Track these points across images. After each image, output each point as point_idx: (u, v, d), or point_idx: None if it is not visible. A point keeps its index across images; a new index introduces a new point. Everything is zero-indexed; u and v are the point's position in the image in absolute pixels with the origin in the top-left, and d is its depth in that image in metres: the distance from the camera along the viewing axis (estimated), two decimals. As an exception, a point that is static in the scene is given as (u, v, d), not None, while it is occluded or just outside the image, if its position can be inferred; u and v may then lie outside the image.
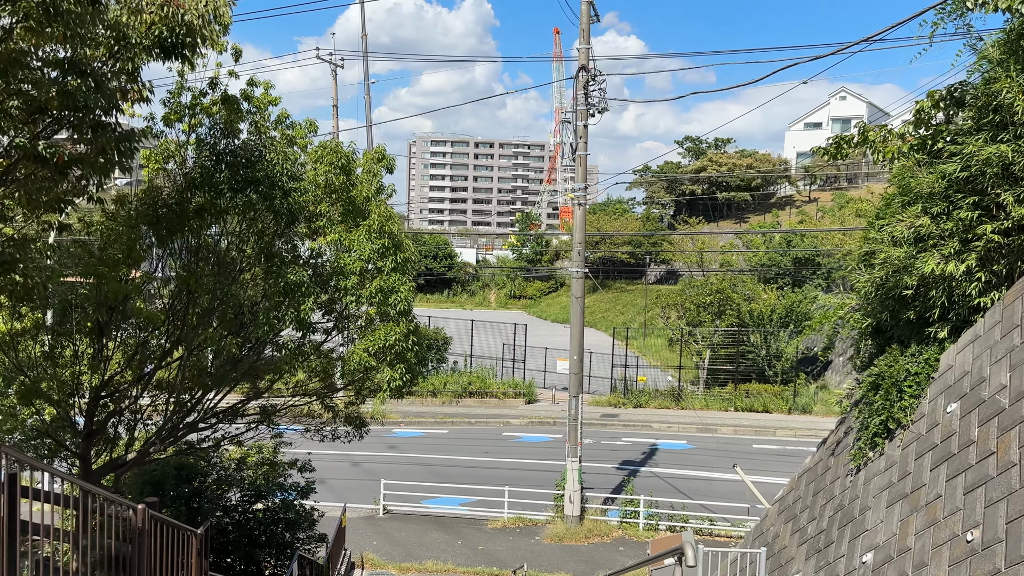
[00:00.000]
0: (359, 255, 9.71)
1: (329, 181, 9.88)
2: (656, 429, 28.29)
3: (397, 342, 9.53)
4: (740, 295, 31.23)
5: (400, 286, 9.61)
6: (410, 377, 9.92)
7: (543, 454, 25.03)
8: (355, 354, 9.57)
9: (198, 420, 9.68)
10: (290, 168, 8.79)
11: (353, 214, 9.91)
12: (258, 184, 8.39)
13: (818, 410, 29.91)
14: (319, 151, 9.86)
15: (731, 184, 65.31)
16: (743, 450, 25.61)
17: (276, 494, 12.23)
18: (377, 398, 9.99)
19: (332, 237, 9.79)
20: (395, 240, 9.85)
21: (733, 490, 21.16)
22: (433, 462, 24.02)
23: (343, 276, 9.49)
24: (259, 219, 8.47)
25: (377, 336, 9.58)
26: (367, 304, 9.62)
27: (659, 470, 23.07)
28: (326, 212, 9.90)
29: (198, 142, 8.44)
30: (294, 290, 8.56)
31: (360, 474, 22.78)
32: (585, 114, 17.25)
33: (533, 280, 73.64)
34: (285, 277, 8.53)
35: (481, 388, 32.12)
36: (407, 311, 9.73)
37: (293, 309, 8.69)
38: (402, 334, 9.61)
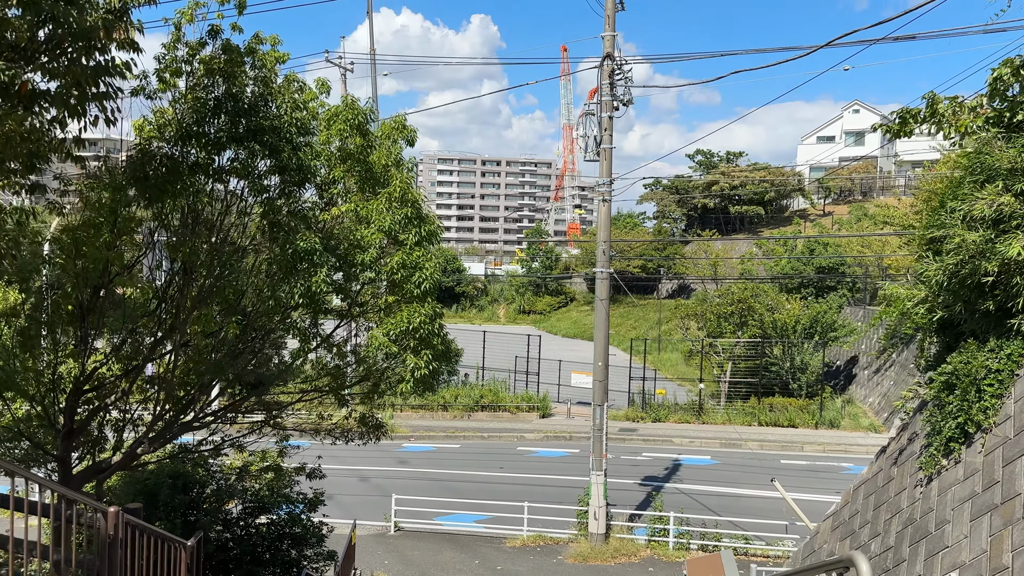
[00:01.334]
0: (379, 226, 8.61)
1: (344, 145, 8.84)
2: (677, 444, 27.08)
3: (422, 324, 8.41)
4: (763, 305, 30.11)
5: (425, 262, 8.53)
6: (436, 367, 8.81)
7: (561, 469, 23.85)
8: (375, 339, 8.51)
9: (193, 420, 8.59)
10: (300, 118, 7.76)
11: (371, 182, 8.85)
12: (262, 134, 7.34)
13: (846, 425, 28.65)
14: (333, 111, 8.83)
15: (744, 198, 64.34)
16: (770, 466, 24.38)
17: (282, 507, 11.14)
18: (399, 389, 8.83)
19: (348, 207, 8.74)
20: (418, 210, 8.80)
21: (764, 507, 19.95)
22: (445, 477, 22.87)
23: (360, 250, 8.43)
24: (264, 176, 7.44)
25: (399, 318, 8.45)
26: (387, 281, 8.52)
27: (684, 486, 21.86)
28: (340, 179, 8.89)
29: (193, 89, 7.36)
30: (304, 258, 7.53)
31: (370, 489, 21.64)
32: (610, 105, 16.29)
33: (543, 295, 72.55)
34: (294, 244, 7.49)
35: (494, 402, 30.97)
36: (432, 290, 8.69)
37: (303, 282, 7.65)
38: (427, 315, 8.50)
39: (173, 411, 8.25)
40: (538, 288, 73.16)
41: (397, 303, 8.58)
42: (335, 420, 10.16)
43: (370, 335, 8.73)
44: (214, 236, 7.76)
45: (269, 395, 9.29)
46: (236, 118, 7.25)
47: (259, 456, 11.16)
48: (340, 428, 9.99)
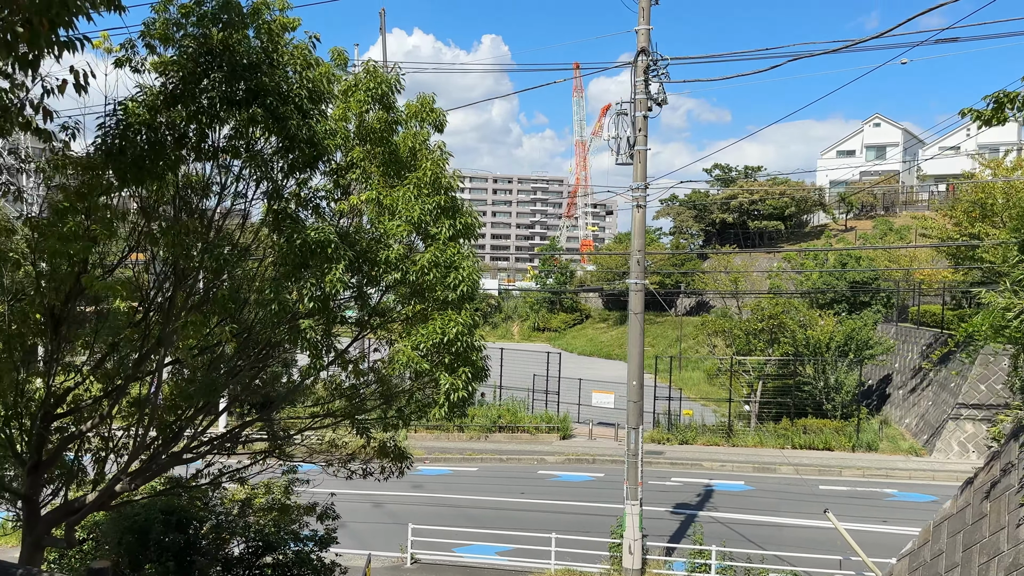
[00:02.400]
0: (406, 217, 7.21)
1: (364, 121, 7.53)
2: (707, 468, 25.64)
3: (460, 336, 7.02)
4: (795, 321, 28.71)
5: (461, 260, 7.19)
6: (474, 388, 7.48)
7: (585, 495, 22.46)
8: (401, 354, 7.08)
9: (184, 450, 7.35)
10: (312, 79, 6.54)
11: (396, 166, 7.58)
12: (264, 96, 6.08)
13: (884, 447, 27.13)
14: (352, 80, 7.58)
15: (763, 213, 62.97)
16: (808, 492, 22.91)
17: (289, 544, 9.89)
18: (432, 415, 7.34)
19: (368, 195, 7.48)
20: (453, 199, 7.52)
21: (810, 538, 18.52)
22: (463, 503, 21.53)
23: (383, 246, 7.10)
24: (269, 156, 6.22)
25: (431, 329, 7.01)
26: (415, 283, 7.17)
27: (719, 514, 20.43)
28: (359, 161, 7.60)
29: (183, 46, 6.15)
30: (316, 253, 6.31)
31: (383, 516, 20.33)
32: (644, 103, 15.12)
33: (557, 312, 71.22)
34: (303, 234, 6.26)
35: (512, 422, 29.63)
36: (469, 294, 7.28)
37: (314, 280, 6.39)
38: (465, 325, 7.12)
39: (161, 440, 7.02)
40: (552, 305, 71.84)
41: (426, 310, 7.28)
42: (351, 449, 8.87)
43: (394, 350, 7.38)
44: (210, 231, 6.57)
45: (275, 420, 8.05)
46: (233, 77, 6.01)
47: (263, 487, 9.92)
48: (357, 458, 8.71)
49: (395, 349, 7.24)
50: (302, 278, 6.43)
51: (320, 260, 6.36)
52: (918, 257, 43.93)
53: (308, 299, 6.46)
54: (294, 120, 6.32)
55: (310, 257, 6.32)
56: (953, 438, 26.17)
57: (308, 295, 6.45)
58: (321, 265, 6.41)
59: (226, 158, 6.46)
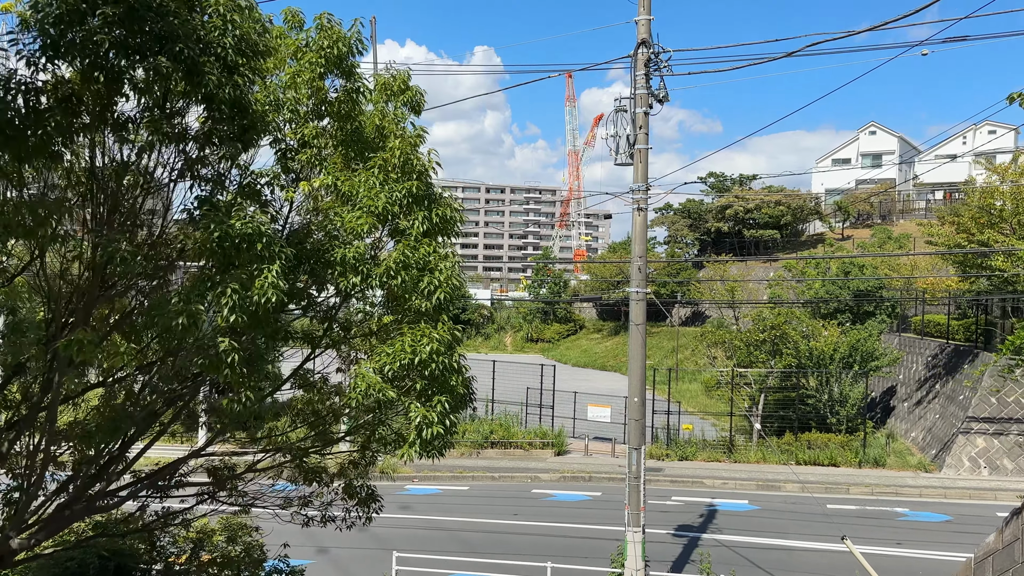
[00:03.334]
0: (368, 207, 5.99)
1: (318, 88, 6.29)
2: (709, 486, 24.50)
3: (434, 356, 5.76)
4: (797, 332, 27.66)
5: (438, 261, 5.97)
6: (454, 420, 6.26)
7: (583, 516, 21.29)
8: (361, 379, 5.79)
9: (99, 495, 6.15)
10: (242, 26, 5.26)
11: (359, 146, 6.43)
12: (173, 42, 4.80)
13: (892, 463, 26.05)
14: (301, 38, 6.35)
15: (759, 221, 62.13)
16: (816, 511, 21.78)
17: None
18: (399, 454, 6.21)
19: (323, 180, 6.25)
20: (428, 186, 6.31)
21: (822, 563, 17.41)
22: (453, 525, 20.33)
23: (339, 242, 5.91)
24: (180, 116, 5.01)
25: (399, 347, 5.77)
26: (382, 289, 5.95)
27: (724, 537, 19.29)
28: (312, 140, 6.36)
29: None
30: (243, 250, 5.16)
31: (367, 541, 19.08)
32: (645, 99, 14.08)
33: (551, 323, 70.10)
34: (223, 225, 5.04)
35: (505, 437, 28.45)
36: (449, 303, 6.01)
37: (236, 287, 5.15)
38: (442, 342, 5.85)
39: (77, 482, 5.87)
40: (546, 315, 70.74)
41: (396, 323, 6.07)
42: (311, 490, 7.66)
43: (354, 372, 6.14)
44: (137, 228, 5.41)
45: (217, 456, 6.91)
46: (132, 17, 4.68)
47: (222, 523, 8.74)
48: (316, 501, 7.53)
49: (355, 372, 5.99)
50: (224, 283, 5.15)
51: (248, 259, 5.18)
52: (919, 266, 43.05)
53: (229, 310, 5.14)
54: (213, 77, 5.04)
55: (234, 255, 5.17)
56: (964, 453, 25.13)
57: (228, 305, 5.14)
58: (250, 266, 5.24)
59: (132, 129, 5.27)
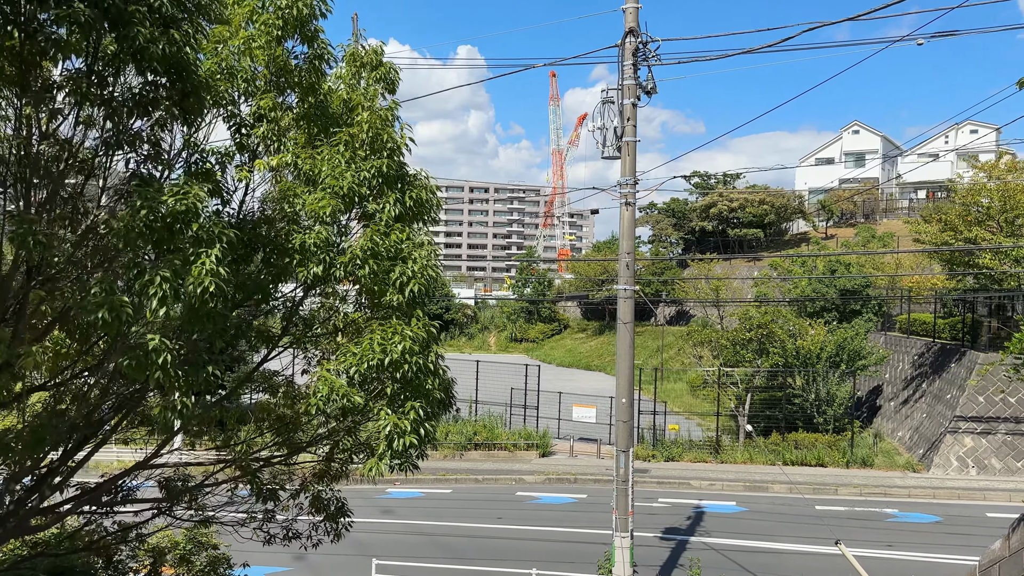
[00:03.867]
0: (333, 187, 5.36)
1: (276, 56, 5.61)
2: (696, 487, 24.13)
3: (408, 356, 5.11)
4: (784, 331, 27.37)
5: (412, 249, 5.36)
6: (430, 428, 5.53)
7: (568, 520, 20.84)
8: (324, 382, 5.17)
9: (35, 508, 5.57)
10: None
11: (322, 121, 5.77)
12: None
13: (880, 463, 25.81)
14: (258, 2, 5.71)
15: (743, 220, 62.01)
16: (805, 513, 21.46)
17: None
18: (366, 467, 5.44)
19: (281, 158, 5.63)
20: (400, 165, 5.72)
21: (814, 566, 17.05)
22: (436, 530, 19.80)
23: (299, 228, 5.29)
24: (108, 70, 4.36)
25: (366, 346, 5.12)
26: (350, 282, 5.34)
27: (712, 540, 18.90)
28: (269, 113, 5.66)
29: None
30: (177, 232, 4.50)
31: (347, 547, 18.45)
32: (633, 89, 13.62)
33: (535, 322, 69.63)
34: (152, 201, 4.42)
35: (488, 439, 27.95)
36: (423, 297, 5.35)
37: (167, 274, 4.38)
38: (416, 340, 5.21)
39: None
40: (530, 315, 70.26)
41: (365, 319, 5.48)
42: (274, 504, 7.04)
43: (316, 376, 5.48)
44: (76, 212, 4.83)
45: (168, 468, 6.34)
46: None
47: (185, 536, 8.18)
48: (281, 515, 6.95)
49: (317, 376, 5.42)
50: (153, 270, 4.46)
51: (183, 243, 4.57)
52: (904, 264, 42.99)
53: (158, 301, 4.42)
54: (143, 28, 4.40)
55: (167, 238, 4.57)
56: (952, 453, 24.92)
57: (158, 296, 4.43)
58: (185, 251, 4.61)
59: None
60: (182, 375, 4.55)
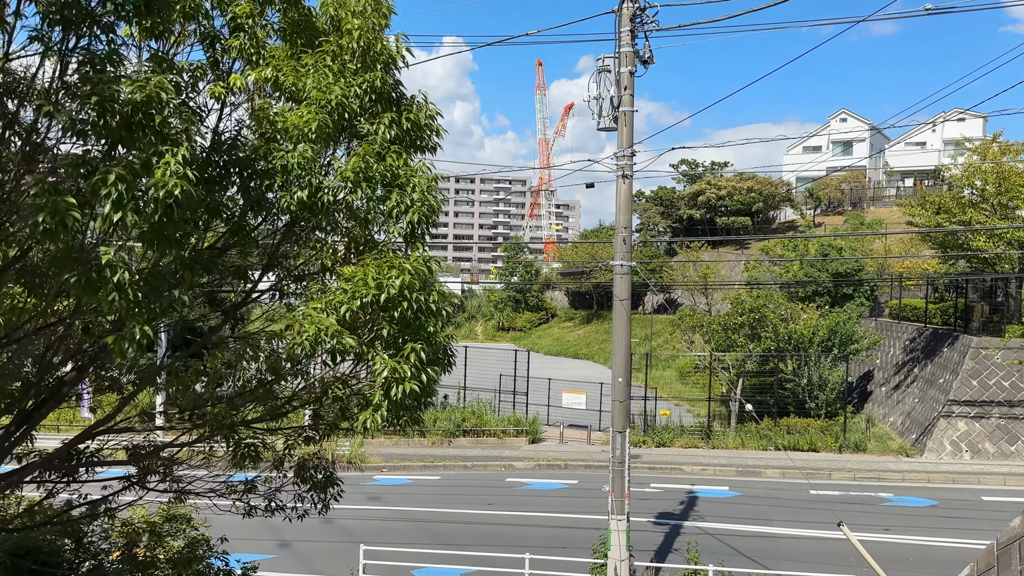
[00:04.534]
0: (319, 103, 4.71)
1: None
2: (688, 472, 23.80)
3: (407, 293, 4.43)
4: (776, 315, 27.04)
5: (410, 175, 4.71)
6: (432, 376, 4.84)
7: (559, 505, 20.44)
8: (310, 321, 4.43)
9: None
10: None
11: (307, 33, 5.10)
12: None
13: (873, 448, 25.58)
14: None
15: (731, 209, 61.79)
16: (799, 497, 21.18)
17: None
18: (360, 420, 4.71)
19: (260, 73, 4.94)
20: (395, 83, 5.09)
21: (809, 550, 16.74)
22: (424, 516, 19.34)
23: (279, 147, 4.60)
24: None
25: (359, 281, 4.45)
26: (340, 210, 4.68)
27: (706, 524, 18.56)
28: (246, 22, 4.98)
29: None
30: (138, 126, 3.81)
31: (333, 534, 18.03)
32: (630, 57, 13.14)
33: (522, 311, 69.18)
34: (106, 89, 3.74)
35: (477, 425, 27.50)
36: (423, 227, 4.79)
37: (122, 171, 3.71)
38: (416, 274, 4.53)
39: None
40: (517, 304, 69.79)
41: (356, 252, 4.83)
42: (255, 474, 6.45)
43: (300, 314, 4.63)
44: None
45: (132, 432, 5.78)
46: None
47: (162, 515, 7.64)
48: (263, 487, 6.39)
49: (297, 316, 4.66)
50: (108, 167, 3.78)
51: (145, 138, 3.89)
52: (892, 250, 42.86)
53: (113, 205, 3.71)
54: None
55: (124, 136, 3.89)
56: (945, 437, 24.72)
57: (112, 197, 3.71)
58: (147, 150, 3.91)
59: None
60: (142, 297, 4.00)
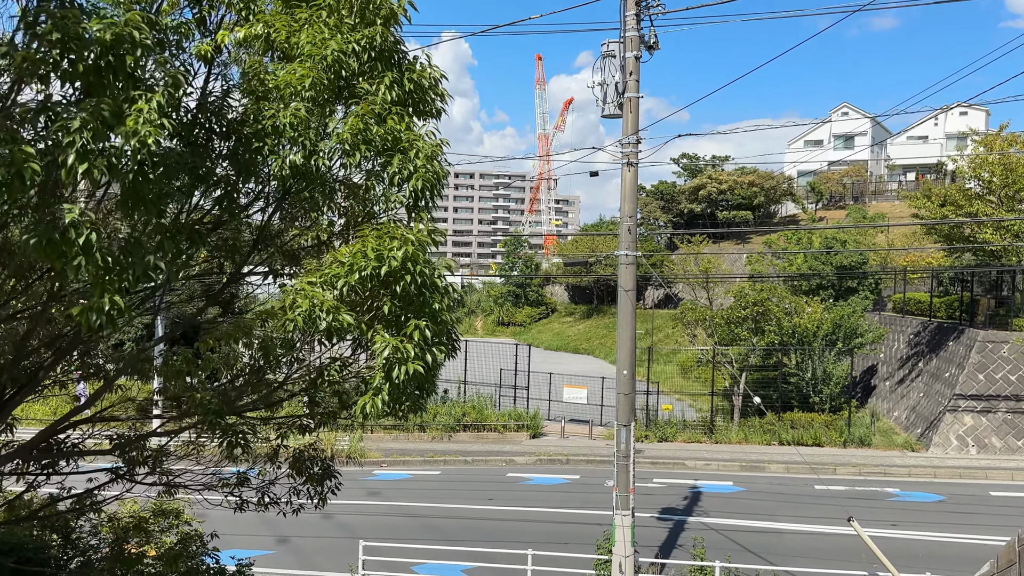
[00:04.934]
0: (314, 56, 4.32)
1: None
2: (691, 468, 23.52)
3: (410, 266, 4.05)
4: (780, 308, 26.75)
5: (414, 140, 4.31)
6: (438, 356, 4.45)
7: (561, 500, 20.14)
8: (303, 296, 3.98)
9: None
10: None
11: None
12: None
13: (878, 443, 25.31)
14: None
15: (732, 203, 61.46)
16: (804, 492, 20.92)
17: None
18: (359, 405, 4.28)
19: (250, 30, 4.52)
20: (396, 41, 4.63)
21: (816, 546, 16.47)
22: (424, 512, 19.06)
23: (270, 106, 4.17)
24: None
25: (357, 253, 4.05)
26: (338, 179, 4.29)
27: (710, 520, 18.28)
28: None
29: None
30: (105, 68, 3.38)
31: (332, 529, 17.75)
32: (636, 42, 12.81)
33: (522, 306, 68.86)
34: (67, 24, 3.28)
35: (478, 420, 27.20)
36: (428, 194, 4.36)
37: (86, 116, 3.28)
38: (419, 244, 4.15)
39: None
40: (517, 299, 69.47)
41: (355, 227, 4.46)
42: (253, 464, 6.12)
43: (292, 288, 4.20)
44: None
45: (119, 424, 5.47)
46: None
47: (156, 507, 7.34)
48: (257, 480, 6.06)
49: (290, 291, 4.23)
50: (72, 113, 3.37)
51: (116, 84, 3.46)
52: (895, 245, 42.55)
53: (77, 156, 3.31)
54: None
55: (92, 80, 3.44)
56: (951, 431, 24.44)
57: (76, 146, 3.27)
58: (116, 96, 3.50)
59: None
60: (112, 263, 3.64)
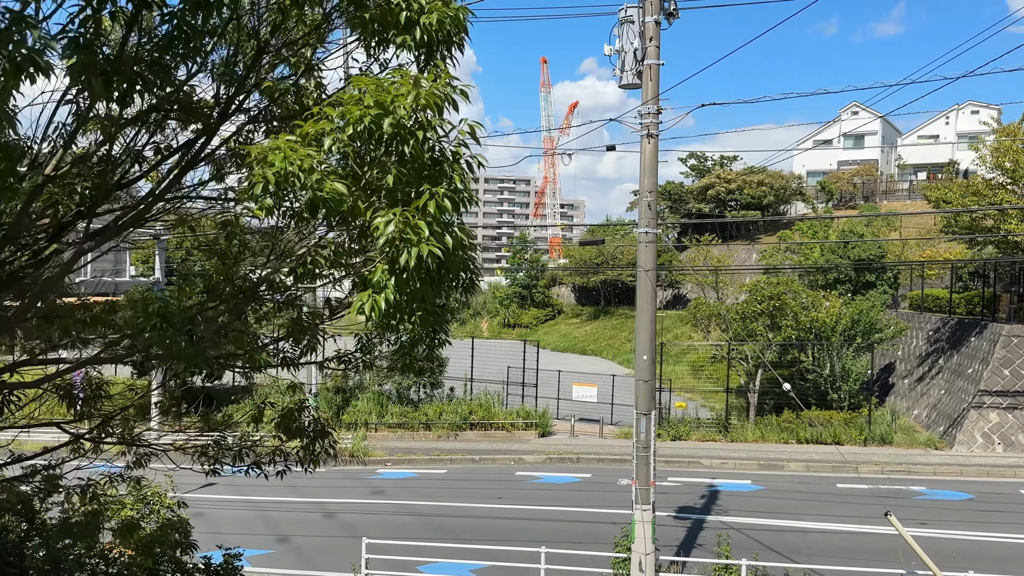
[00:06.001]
0: None
1: None
2: (707, 466, 22.69)
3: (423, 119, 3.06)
4: (797, 303, 25.92)
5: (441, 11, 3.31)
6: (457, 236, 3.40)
7: (572, 499, 19.34)
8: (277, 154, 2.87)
9: None
10: None
11: None
12: None
13: (899, 440, 24.43)
14: None
15: (741, 203, 60.65)
16: (827, 491, 20.10)
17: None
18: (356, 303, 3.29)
19: None
20: None
21: (843, 545, 15.65)
22: (430, 511, 18.29)
23: None
24: None
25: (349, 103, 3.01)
26: None
27: (730, 519, 17.45)
28: None
29: None
30: None
31: (336, 529, 16.99)
32: (658, 5, 12.06)
33: (528, 308, 68.05)
34: None
35: (485, 418, 26.40)
36: (445, 40, 3.44)
37: None
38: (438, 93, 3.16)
39: None
40: (523, 300, 68.68)
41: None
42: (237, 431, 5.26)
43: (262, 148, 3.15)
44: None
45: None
46: None
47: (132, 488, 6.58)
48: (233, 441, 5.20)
49: (260, 147, 3.19)
50: None
51: None
52: (909, 242, 41.69)
53: None
54: None
55: None
56: (976, 429, 23.56)
57: None
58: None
59: None
60: None
